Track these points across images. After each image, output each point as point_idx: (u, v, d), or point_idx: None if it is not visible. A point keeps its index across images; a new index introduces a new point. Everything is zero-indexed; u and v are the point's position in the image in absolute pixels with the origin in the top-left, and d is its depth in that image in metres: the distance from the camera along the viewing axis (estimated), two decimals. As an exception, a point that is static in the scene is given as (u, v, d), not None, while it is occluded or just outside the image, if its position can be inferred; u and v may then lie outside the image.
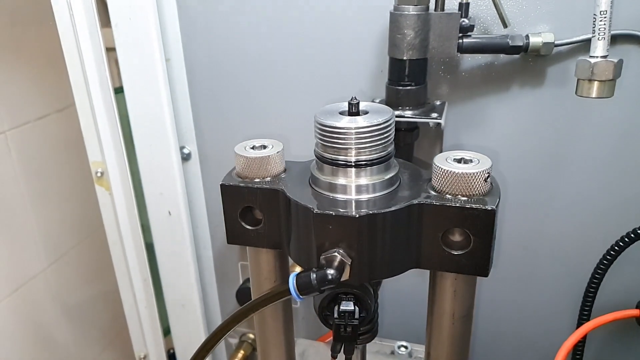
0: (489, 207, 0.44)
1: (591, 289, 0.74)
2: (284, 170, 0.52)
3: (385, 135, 0.47)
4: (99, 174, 0.86)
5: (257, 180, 0.50)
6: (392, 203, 0.45)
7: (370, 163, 0.47)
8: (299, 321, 0.96)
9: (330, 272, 0.43)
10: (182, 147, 0.86)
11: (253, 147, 0.52)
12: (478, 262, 0.46)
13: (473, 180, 0.44)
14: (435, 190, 0.46)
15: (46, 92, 1.18)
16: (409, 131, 0.70)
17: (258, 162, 0.50)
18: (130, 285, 0.94)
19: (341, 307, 0.47)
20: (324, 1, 0.73)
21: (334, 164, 0.47)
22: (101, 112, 0.81)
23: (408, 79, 0.67)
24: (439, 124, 0.67)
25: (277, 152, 0.51)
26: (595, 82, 0.48)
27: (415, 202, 0.45)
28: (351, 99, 0.47)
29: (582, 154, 0.72)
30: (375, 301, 0.51)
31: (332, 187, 0.48)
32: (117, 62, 0.80)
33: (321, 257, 0.45)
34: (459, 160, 0.46)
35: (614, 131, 0.70)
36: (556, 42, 0.65)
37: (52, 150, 1.23)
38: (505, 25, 0.66)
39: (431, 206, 0.45)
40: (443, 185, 0.45)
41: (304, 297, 0.45)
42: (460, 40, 0.65)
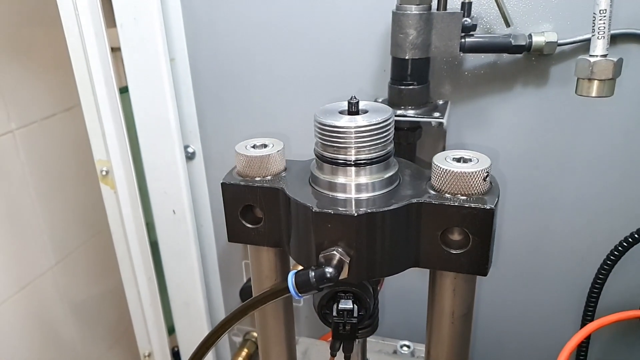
0: (487, 206, 0.44)
1: (595, 290, 0.74)
2: (285, 169, 0.52)
3: (385, 134, 0.47)
4: (104, 173, 0.87)
5: (257, 179, 0.51)
6: (391, 202, 0.46)
7: (370, 162, 0.47)
8: (301, 320, 0.96)
9: (329, 270, 0.44)
10: (186, 146, 0.87)
11: (254, 146, 0.52)
12: (477, 261, 0.46)
13: (472, 179, 0.44)
14: (434, 190, 0.46)
15: (54, 92, 1.19)
16: (411, 130, 0.70)
17: (258, 161, 0.50)
18: (134, 283, 0.95)
19: (340, 306, 0.47)
20: (327, 1, 0.73)
21: (334, 163, 0.47)
22: (106, 111, 0.82)
23: (410, 78, 0.67)
24: (441, 124, 0.67)
25: (278, 151, 0.51)
26: (595, 81, 0.48)
27: (414, 201, 0.45)
28: (351, 98, 0.47)
29: (585, 154, 0.72)
30: (375, 300, 0.51)
31: (332, 186, 0.48)
32: (122, 62, 0.81)
33: (320, 256, 0.45)
34: (458, 160, 0.46)
35: (618, 130, 0.69)
36: (559, 42, 0.65)
37: (60, 149, 1.24)
38: (507, 25, 0.66)
39: (430, 205, 0.45)
40: (442, 185, 0.45)
41: (303, 295, 0.45)
42: (463, 40, 0.65)
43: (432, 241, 0.46)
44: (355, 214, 0.44)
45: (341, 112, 0.48)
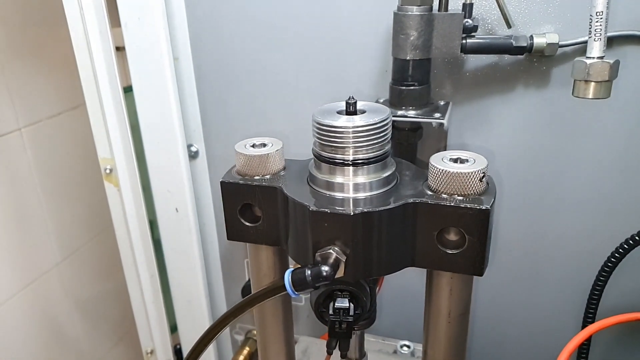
0: (483, 206, 0.44)
1: (596, 291, 0.74)
2: (284, 168, 0.53)
3: (382, 134, 0.47)
4: (107, 171, 0.88)
5: (256, 177, 0.51)
6: (387, 201, 0.46)
7: (367, 162, 0.47)
8: (303, 319, 0.96)
9: (325, 268, 0.44)
10: (189, 145, 0.88)
11: (253, 145, 0.52)
12: (473, 261, 0.46)
13: (468, 179, 0.44)
14: (431, 190, 0.47)
15: (61, 91, 1.20)
16: (412, 131, 0.70)
17: (257, 160, 0.51)
18: (137, 280, 0.95)
19: (336, 304, 0.48)
20: (329, 2, 0.74)
21: (332, 162, 0.48)
22: (110, 110, 0.83)
23: (411, 79, 0.67)
24: (442, 124, 0.67)
25: (277, 151, 0.52)
26: (592, 83, 0.48)
27: (410, 201, 0.45)
28: (348, 99, 0.47)
29: (586, 155, 0.72)
30: (372, 298, 0.52)
31: (330, 186, 0.48)
32: (126, 61, 0.81)
33: (317, 254, 0.45)
34: (455, 160, 0.46)
35: (619, 132, 0.69)
36: (560, 43, 0.65)
37: (66, 147, 1.25)
38: (509, 26, 0.66)
39: (426, 205, 0.45)
40: (439, 185, 0.46)
41: (299, 293, 0.45)
42: (464, 41, 0.65)
43: (429, 241, 0.46)
44: (352, 213, 0.44)
45: (339, 112, 0.48)
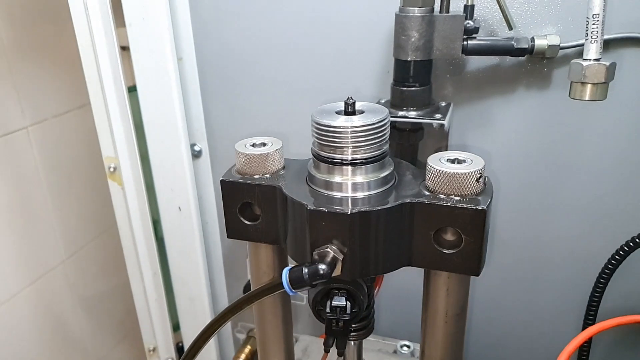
0: (480, 207, 0.44)
1: (596, 293, 0.74)
2: (283, 168, 0.53)
3: (381, 134, 0.48)
4: (111, 169, 0.88)
5: (256, 176, 0.52)
6: (385, 201, 0.46)
7: (366, 161, 0.48)
8: (304, 318, 0.97)
9: (322, 267, 0.45)
10: (193, 145, 0.88)
11: (253, 145, 0.53)
12: (470, 261, 0.46)
13: (464, 180, 0.45)
14: (428, 190, 0.47)
15: (68, 89, 1.21)
16: (413, 132, 0.71)
17: (257, 159, 0.51)
18: (140, 278, 0.96)
19: (333, 302, 0.48)
20: (333, 3, 0.74)
21: (330, 162, 0.48)
22: (115, 109, 0.83)
23: (413, 80, 0.68)
24: (443, 125, 0.67)
25: (276, 150, 0.52)
26: (588, 85, 0.49)
27: (408, 200, 0.46)
28: (347, 99, 0.48)
29: (587, 157, 0.72)
30: (369, 298, 0.52)
31: (328, 185, 0.49)
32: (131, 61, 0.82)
33: (314, 253, 0.46)
34: (452, 161, 0.47)
35: (620, 134, 0.69)
36: (562, 45, 0.65)
37: (73, 145, 1.26)
38: (510, 28, 0.66)
39: (423, 205, 0.45)
40: (436, 185, 0.46)
41: (297, 291, 0.46)
42: (465, 42, 0.65)
43: (425, 241, 0.47)
44: (349, 212, 0.44)
45: (338, 113, 0.49)
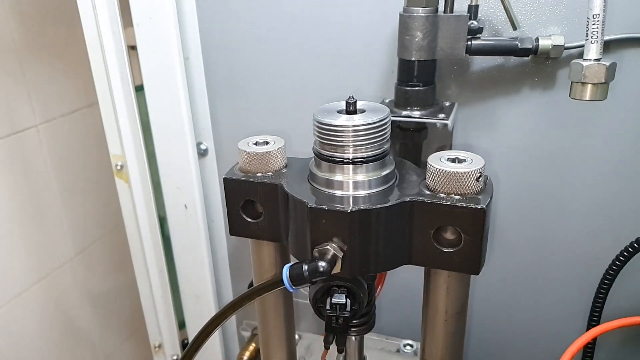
0: (479, 206, 0.44)
1: (600, 294, 0.73)
2: (285, 166, 0.54)
3: (381, 133, 0.48)
4: (118, 167, 0.90)
5: (258, 175, 0.52)
6: (385, 199, 0.47)
7: (367, 160, 0.48)
8: (308, 317, 0.97)
9: (322, 264, 0.45)
10: (199, 143, 0.89)
11: (256, 143, 0.54)
12: (469, 260, 0.46)
13: (464, 179, 0.45)
14: (429, 189, 0.47)
15: (77, 88, 1.23)
16: (417, 131, 0.71)
17: (259, 158, 0.52)
18: (147, 275, 0.97)
19: (333, 300, 0.48)
20: (337, 3, 0.75)
21: (331, 160, 0.49)
22: (122, 108, 0.84)
23: (416, 79, 0.68)
24: (446, 125, 0.67)
25: (278, 148, 0.53)
26: (589, 85, 0.49)
27: (407, 199, 0.46)
28: (348, 98, 0.48)
29: (593, 158, 0.71)
30: (370, 295, 0.52)
31: (329, 183, 0.49)
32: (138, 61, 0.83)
33: (314, 250, 0.46)
34: (453, 160, 0.47)
35: (625, 135, 0.69)
36: (566, 45, 0.65)
37: (82, 143, 1.28)
38: (514, 28, 0.66)
39: (422, 203, 0.46)
40: (436, 184, 0.46)
41: (297, 288, 0.46)
42: (469, 42, 0.65)
43: (425, 239, 0.47)
44: (349, 210, 0.45)
45: (339, 112, 0.49)
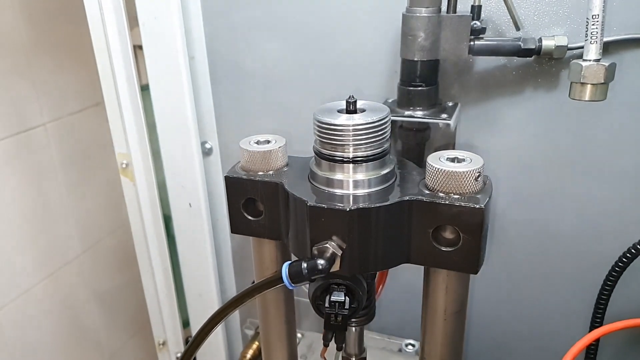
0: (478, 205, 0.44)
1: (603, 295, 0.73)
2: (286, 165, 0.54)
3: (381, 132, 0.48)
4: (124, 165, 0.90)
5: (260, 173, 0.53)
6: (385, 198, 0.47)
7: (366, 159, 0.49)
8: (310, 316, 0.98)
9: (321, 262, 0.45)
10: (203, 142, 0.90)
11: (257, 142, 0.54)
12: (468, 259, 0.46)
13: (463, 178, 0.45)
14: (428, 188, 0.47)
15: (84, 87, 1.24)
16: (419, 131, 0.71)
17: (260, 156, 0.52)
18: (151, 273, 0.98)
19: (332, 297, 0.49)
20: (341, 3, 0.75)
21: (332, 160, 0.49)
22: (127, 107, 0.85)
23: (419, 79, 0.68)
24: (448, 125, 0.68)
25: (279, 147, 0.53)
26: (588, 85, 0.49)
27: (407, 198, 0.46)
28: (348, 97, 0.49)
29: (596, 158, 0.71)
30: (369, 294, 0.53)
31: (329, 182, 0.50)
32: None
33: (314, 248, 0.47)
34: (452, 160, 0.47)
35: (629, 135, 0.69)
36: (569, 46, 0.65)
37: (88, 142, 1.29)
38: (517, 28, 0.66)
39: (421, 203, 0.46)
40: (435, 183, 0.47)
41: (296, 285, 0.47)
42: (472, 43, 0.65)
43: (424, 238, 0.47)
44: (348, 209, 0.45)
45: (339, 111, 0.49)
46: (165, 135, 0.87)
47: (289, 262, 0.47)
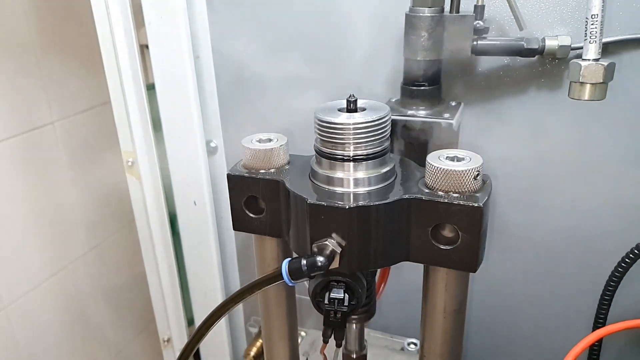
0: (477, 204, 0.45)
1: (606, 296, 0.73)
2: (288, 163, 0.55)
3: (381, 130, 0.49)
4: (130, 163, 0.91)
5: (261, 171, 0.53)
6: (384, 197, 0.47)
7: (367, 157, 0.49)
8: (313, 314, 0.98)
9: (320, 259, 0.46)
10: (208, 141, 0.90)
11: (259, 140, 0.55)
12: (467, 257, 0.47)
13: (462, 177, 0.45)
14: (427, 187, 0.48)
15: (92, 86, 1.25)
16: (422, 131, 0.71)
17: (262, 154, 0.53)
18: (156, 271, 0.99)
19: (331, 294, 0.49)
20: (344, 3, 0.75)
21: (332, 158, 0.50)
22: (133, 106, 0.86)
23: (422, 79, 0.68)
24: (451, 124, 0.68)
25: (281, 145, 0.54)
26: (587, 85, 0.49)
27: (406, 196, 0.47)
28: (349, 96, 0.49)
29: (600, 158, 0.71)
30: (369, 291, 0.53)
31: (330, 180, 0.50)
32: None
33: (313, 245, 0.47)
34: (452, 159, 0.48)
35: (633, 136, 0.68)
36: (573, 46, 0.65)
37: (96, 140, 1.30)
38: (520, 28, 0.66)
39: (420, 201, 0.46)
40: (434, 182, 0.47)
41: (296, 282, 0.47)
42: (475, 42, 0.66)
43: (423, 236, 0.47)
44: (347, 207, 0.46)
45: (340, 110, 0.50)
46: (171, 134, 0.88)
47: (289, 258, 0.48)
